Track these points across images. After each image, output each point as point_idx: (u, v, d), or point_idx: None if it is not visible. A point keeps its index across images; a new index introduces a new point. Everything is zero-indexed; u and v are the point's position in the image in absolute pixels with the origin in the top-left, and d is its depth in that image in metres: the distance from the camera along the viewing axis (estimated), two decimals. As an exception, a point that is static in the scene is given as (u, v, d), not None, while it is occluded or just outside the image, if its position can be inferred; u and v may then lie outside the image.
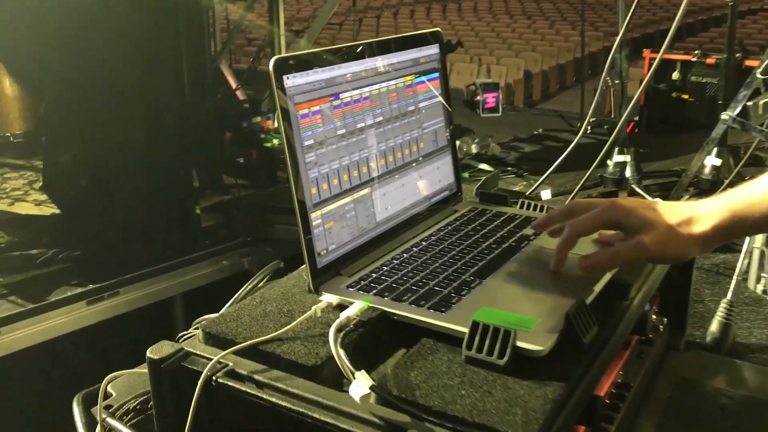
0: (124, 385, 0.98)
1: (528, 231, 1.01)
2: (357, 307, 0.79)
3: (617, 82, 1.90)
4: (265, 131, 3.88)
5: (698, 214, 0.82)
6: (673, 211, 0.84)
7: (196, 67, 3.13)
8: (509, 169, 2.62)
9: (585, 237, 0.89)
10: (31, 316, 2.25)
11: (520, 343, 0.71)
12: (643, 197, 1.83)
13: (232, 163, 3.40)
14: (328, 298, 0.82)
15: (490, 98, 3.17)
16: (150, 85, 2.82)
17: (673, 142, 2.84)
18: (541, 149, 3.06)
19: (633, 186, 1.86)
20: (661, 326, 1.04)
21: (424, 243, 0.97)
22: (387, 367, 0.74)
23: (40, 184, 3.01)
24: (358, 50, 0.92)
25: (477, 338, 0.72)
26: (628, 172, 1.87)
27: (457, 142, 2.90)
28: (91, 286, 2.40)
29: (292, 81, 0.81)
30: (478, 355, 0.71)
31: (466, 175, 2.52)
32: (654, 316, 1.02)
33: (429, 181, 1.06)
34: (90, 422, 0.93)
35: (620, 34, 1.71)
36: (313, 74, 0.85)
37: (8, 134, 3.15)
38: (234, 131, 3.74)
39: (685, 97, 2.99)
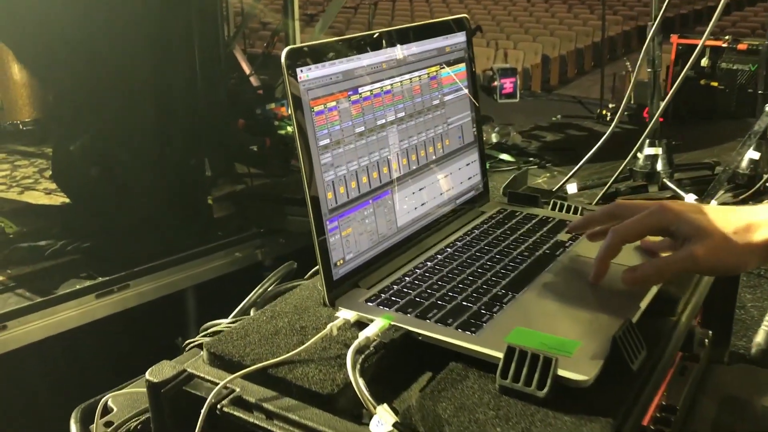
0: (126, 399, 0.91)
1: (563, 236, 0.93)
2: (377, 326, 0.71)
3: (649, 71, 1.80)
4: (279, 118, 3.80)
5: (758, 221, 0.73)
6: (729, 217, 0.75)
7: (208, 53, 3.05)
8: (531, 159, 2.52)
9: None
10: (39, 310, 2.20)
11: (561, 372, 0.63)
12: (675, 192, 1.73)
13: (245, 152, 3.32)
14: (346, 314, 0.74)
15: (508, 84, 3.08)
16: (161, 71, 2.74)
17: (701, 132, 2.73)
18: (564, 138, 2.95)
19: (664, 180, 1.76)
20: (706, 339, 0.95)
21: (449, 250, 0.89)
22: (411, 394, 0.67)
23: (51, 172, 2.95)
24: (379, 39, 0.84)
25: (513, 365, 0.64)
26: (659, 165, 1.78)
27: (477, 131, 2.82)
28: (100, 279, 2.34)
29: (306, 74, 0.73)
30: (514, 385, 0.63)
31: (486, 165, 2.42)
32: (698, 329, 0.94)
33: (454, 180, 0.98)
34: (87, 442, 0.86)
35: (656, 22, 1.61)
36: (330, 66, 0.76)
37: (17, 121, 3.10)
38: (247, 118, 3.66)
39: (715, 84, 2.87)
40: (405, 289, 0.79)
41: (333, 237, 0.77)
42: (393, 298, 0.77)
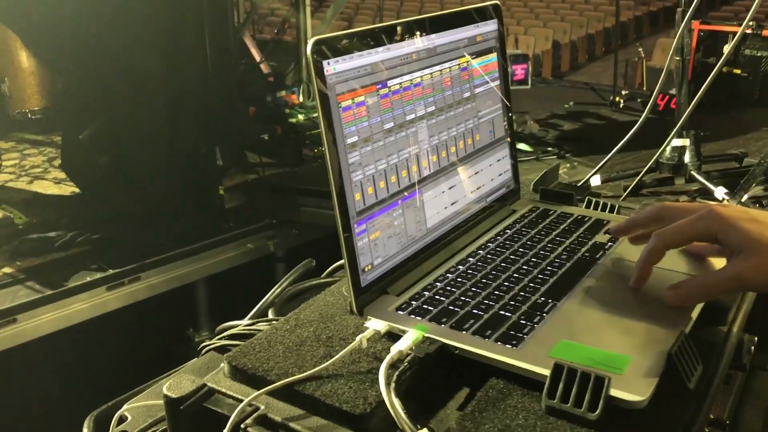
0: (140, 408, 0.87)
1: (601, 237, 0.87)
2: (410, 338, 0.66)
3: (677, 59, 1.74)
4: (290, 106, 3.75)
5: None
6: None
7: (218, 40, 2.99)
8: (549, 149, 2.46)
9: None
10: (49, 303, 2.16)
11: (614, 392, 0.58)
12: (704, 184, 1.67)
13: (256, 140, 3.27)
14: (375, 325, 0.69)
15: (519, 70, 3.03)
16: (171, 59, 2.69)
17: (724, 121, 2.66)
18: (582, 127, 2.89)
19: (692, 172, 1.70)
20: (752, 347, 0.90)
21: (481, 252, 0.84)
22: (448, 414, 0.62)
23: (60, 161, 2.91)
24: (408, 28, 0.79)
25: (561, 384, 0.59)
26: (686, 157, 1.72)
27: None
28: (111, 271, 2.30)
29: (333, 67, 0.68)
30: (562, 406, 0.58)
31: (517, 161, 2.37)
32: (746, 336, 0.88)
33: (484, 177, 0.92)
34: (101, 453, 0.82)
35: (693, 5, 1.55)
36: (358, 58, 0.71)
37: (26, 110, 3.05)
38: (258, 106, 3.61)
39: (737, 71, 2.80)
40: (437, 297, 0.74)
41: (361, 241, 0.72)
42: (425, 307, 0.72)
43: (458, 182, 0.87)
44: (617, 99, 3.32)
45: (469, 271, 0.79)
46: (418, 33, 0.80)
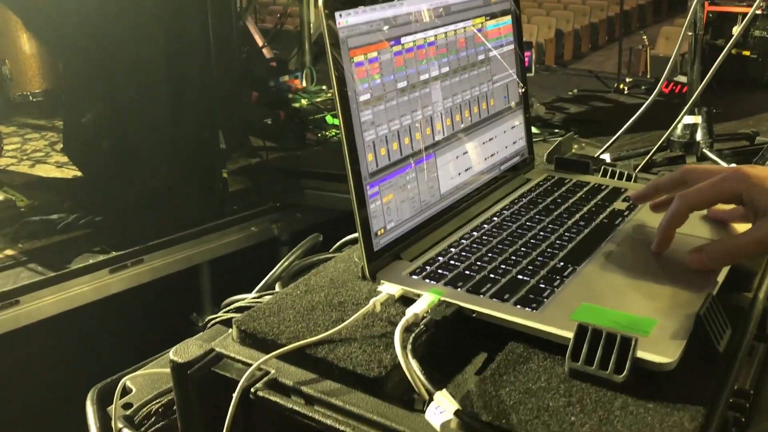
0: (145, 379, 0.84)
1: (620, 204, 0.85)
2: (426, 301, 0.64)
3: (690, 33, 1.70)
4: (293, 91, 3.71)
5: None
6: None
7: (221, 24, 2.96)
8: (557, 131, 2.43)
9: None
10: (51, 285, 2.14)
11: (641, 354, 0.55)
12: (716, 162, 1.64)
13: (259, 125, 3.24)
14: (389, 289, 0.67)
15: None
16: (174, 42, 2.66)
17: (733, 102, 2.63)
18: (588, 110, 2.86)
19: (704, 150, 1.67)
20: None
21: (496, 219, 0.82)
22: (466, 378, 0.59)
23: (62, 145, 2.88)
24: (422, -15, 0.76)
25: (585, 347, 0.56)
26: (698, 135, 1.69)
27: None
28: (113, 254, 2.28)
29: (345, 19, 0.65)
30: (587, 368, 0.56)
31: (532, 129, 2.35)
32: None
33: (499, 144, 0.90)
34: (105, 426, 0.79)
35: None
36: (371, 12, 0.68)
37: (27, 92, 3.02)
38: (261, 91, 3.58)
39: (747, 53, 2.77)
40: (453, 262, 0.71)
41: (373, 204, 0.69)
42: (440, 271, 0.69)
43: (472, 148, 0.85)
44: (621, 86, 3.29)
45: (485, 237, 0.77)
46: (431, -9, 0.77)
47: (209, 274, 2.54)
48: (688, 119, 1.67)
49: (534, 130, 2.48)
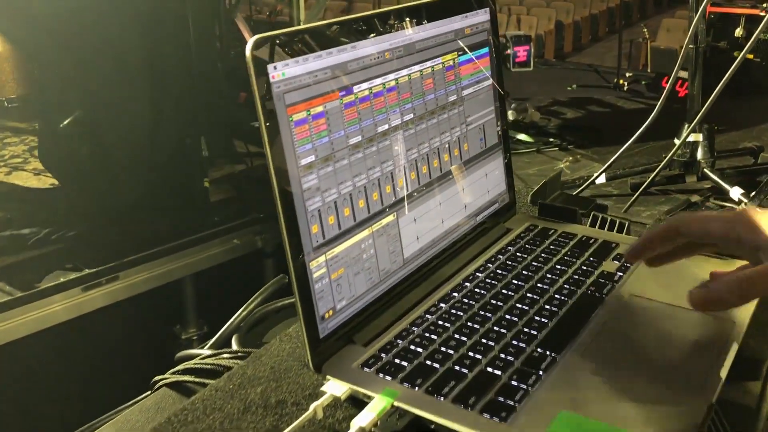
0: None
1: (609, 265, 0.75)
2: (376, 408, 0.54)
3: (691, 47, 1.60)
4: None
5: None
6: None
7: (205, 23, 2.85)
8: (551, 140, 2.32)
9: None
10: (20, 305, 2.04)
11: (629, 491, 0.45)
12: (717, 183, 1.54)
13: (246, 127, 3.13)
14: (334, 389, 0.57)
15: (522, 52, 2.89)
16: (154, 42, 2.55)
17: (735, 110, 2.52)
18: (585, 115, 2.75)
19: (705, 170, 1.57)
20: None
21: (468, 285, 0.72)
22: None
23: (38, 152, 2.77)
24: (380, 21, 0.65)
25: (561, 481, 0.46)
26: (699, 154, 1.59)
27: (492, 108, 2.62)
28: (87, 271, 2.18)
29: (281, 71, 0.55)
30: None
31: (512, 171, 2.23)
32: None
33: (474, 193, 0.80)
34: None
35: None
36: (315, 60, 0.58)
37: (2, 98, 2.92)
38: (249, 92, 3.46)
39: (750, 57, 2.65)
40: (413, 347, 0.61)
41: (319, 282, 0.59)
42: (397, 362, 0.59)
43: (443, 201, 0.74)
44: (621, 81, 3.19)
45: (453, 311, 0.67)
46: (393, 26, 0.67)
47: (190, 290, 2.44)
48: (689, 137, 1.57)
49: (527, 138, 2.37)
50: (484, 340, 0.62)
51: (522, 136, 2.39)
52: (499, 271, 0.74)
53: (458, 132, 0.76)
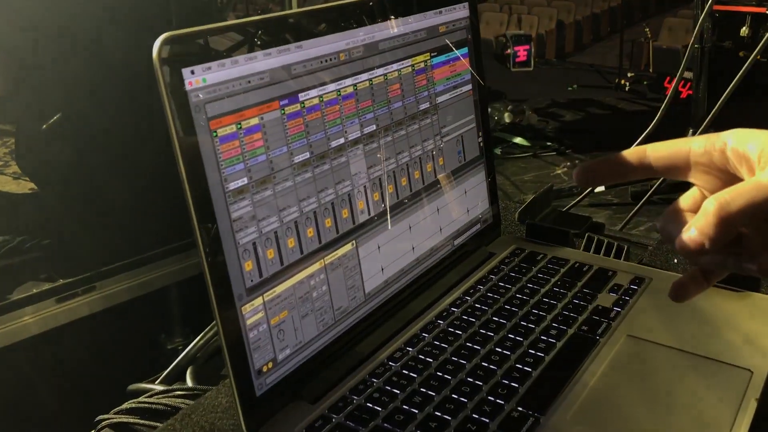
0: None
1: (606, 299, 0.65)
2: (317, 489, 0.44)
3: (696, 46, 1.50)
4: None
5: None
6: None
7: (192, 21, 2.74)
8: (549, 144, 2.23)
9: None
10: (-11, 318, 1.94)
11: None
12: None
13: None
14: (272, 460, 0.47)
15: (522, 51, 2.81)
16: (137, 43, 2.45)
17: (740, 112, 2.42)
18: (584, 117, 2.66)
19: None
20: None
21: (441, 323, 0.62)
22: None
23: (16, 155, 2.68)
24: (335, 16, 0.56)
25: None
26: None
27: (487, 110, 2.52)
28: (61, 281, 2.08)
29: (202, 77, 0.45)
30: None
31: (498, 151, 2.14)
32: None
33: (452, 214, 0.70)
34: None
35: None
36: (248, 63, 0.48)
37: (-20, 100, 2.83)
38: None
39: (758, 58, 2.55)
40: (370, 405, 0.51)
41: (255, 330, 0.49)
42: (350, 425, 0.49)
43: (414, 224, 0.64)
44: (622, 81, 3.09)
45: (420, 359, 0.57)
46: (351, 22, 0.57)
47: (171, 300, 2.34)
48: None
49: (524, 142, 2.27)
50: (455, 396, 0.52)
51: (518, 140, 2.29)
52: (478, 306, 0.64)
53: (431, 145, 0.66)
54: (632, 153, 0.44)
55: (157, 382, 0.85)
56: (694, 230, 0.38)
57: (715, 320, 0.60)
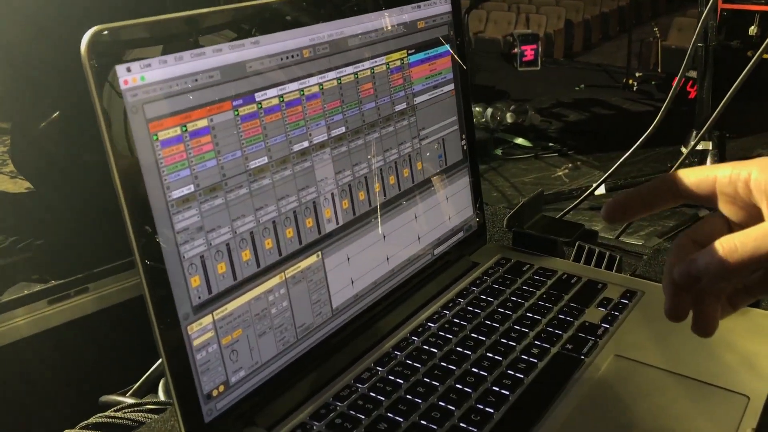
0: None
1: (594, 314, 0.60)
2: None
3: (700, 45, 1.45)
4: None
5: None
6: None
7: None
8: (551, 145, 2.18)
9: None
10: (-21, 320, 1.91)
11: None
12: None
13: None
14: (217, 495, 0.43)
15: (529, 51, 2.77)
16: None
17: (748, 114, 2.36)
18: (588, 118, 2.61)
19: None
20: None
21: (415, 340, 0.57)
22: None
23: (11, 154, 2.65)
24: (298, 9, 0.51)
25: None
26: (708, 163, 1.44)
27: (489, 110, 2.46)
28: (54, 283, 2.04)
29: (140, 74, 0.41)
30: None
31: (498, 152, 2.09)
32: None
33: (432, 221, 0.65)
34: None
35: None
36: (195, 60, 0.44)
37: (-24, 98, 2.81)
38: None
39: (765, 57, 2.50)
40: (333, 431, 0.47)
41: (203, 351, 0.45)
42: (306, 454, 0.45)
43: (389, 232, 0.60)
44: (630, 81, 3.05)
45: (391, 377, 0.53)
46: (316, 15, 0.53)
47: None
48: (698, 145, 1.42)
49: (525, 143, 2.23)
50: (424, 422, 0.48)
51: (520, 140, 2.24)
52: (456, 320, 0.60)
53: (408, 148, 0.62)
54: (660, 183, 0.43)
55: (128, 394, 0.82)
56: (697, 266, 0.38)
57: (710, 339, 0.56)
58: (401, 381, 0.52)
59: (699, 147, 1.43)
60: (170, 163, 0.43)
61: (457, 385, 0.52)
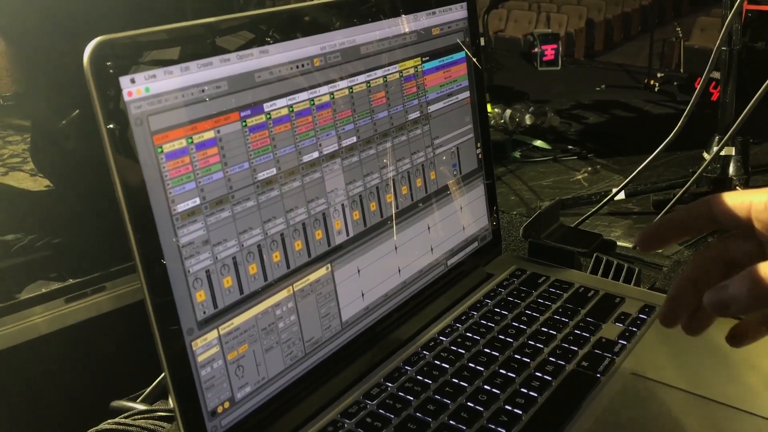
0: None
1: (611, 330, 0.59)
2: None
3: (724, 49, 1.43)
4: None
5: None
6: None
7: (209, 17, 2.71)
8: (570, 148, 2.15)
9: None
10: (-2, 317, 1.92)
11: None
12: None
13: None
14: None
15: (549, 50, 2.74)
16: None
17: (772, 116, 2.32)
18: (609, 120, 2.57)
19: (738, 188, 1.40)
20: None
21: (426, 354, 0.56)
22: None
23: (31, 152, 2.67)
24: (309, 18, 0.50)
25: None
26: (731, 169, 1.41)
27: (507, 112, 2.44)
28: (71, 281, 2.05)
29: (144, 86, 0.40)
30: None
31: (517, 154, 2.07)
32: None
33: (446, 232, 0.64)
34: None
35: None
36: (201, 70, 0.43)
37: (-2, 96, 2.83)
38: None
39: (792, 59, 2.44)
40: (338, 451, 0.46)
41: (208, 367, 0.44)
42: (312, 474, 0.44)
43: (401, 244, 0.59)
44: (652, 82, 3.00)
45: (401, 394, 0.51)
46: (328, 23, 0.51)
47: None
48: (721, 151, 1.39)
49: (545, 145, 2.20)
50: (433, 442, 0.47)
51: (539, 143, 2.22)
52: (469, 335, 0.58)
53: (422, 158, 0.61)
54: (695, 209, 0.42)
55: (139, 400, 0.82)
56: (728, 294, 0.37)
57: (733, 358, 0.54)
58: (411, 398, 0.51)
59: (722, 153, 1.40)
60: (175, 176, 0.42)
61: (469, 404, 0.50)
